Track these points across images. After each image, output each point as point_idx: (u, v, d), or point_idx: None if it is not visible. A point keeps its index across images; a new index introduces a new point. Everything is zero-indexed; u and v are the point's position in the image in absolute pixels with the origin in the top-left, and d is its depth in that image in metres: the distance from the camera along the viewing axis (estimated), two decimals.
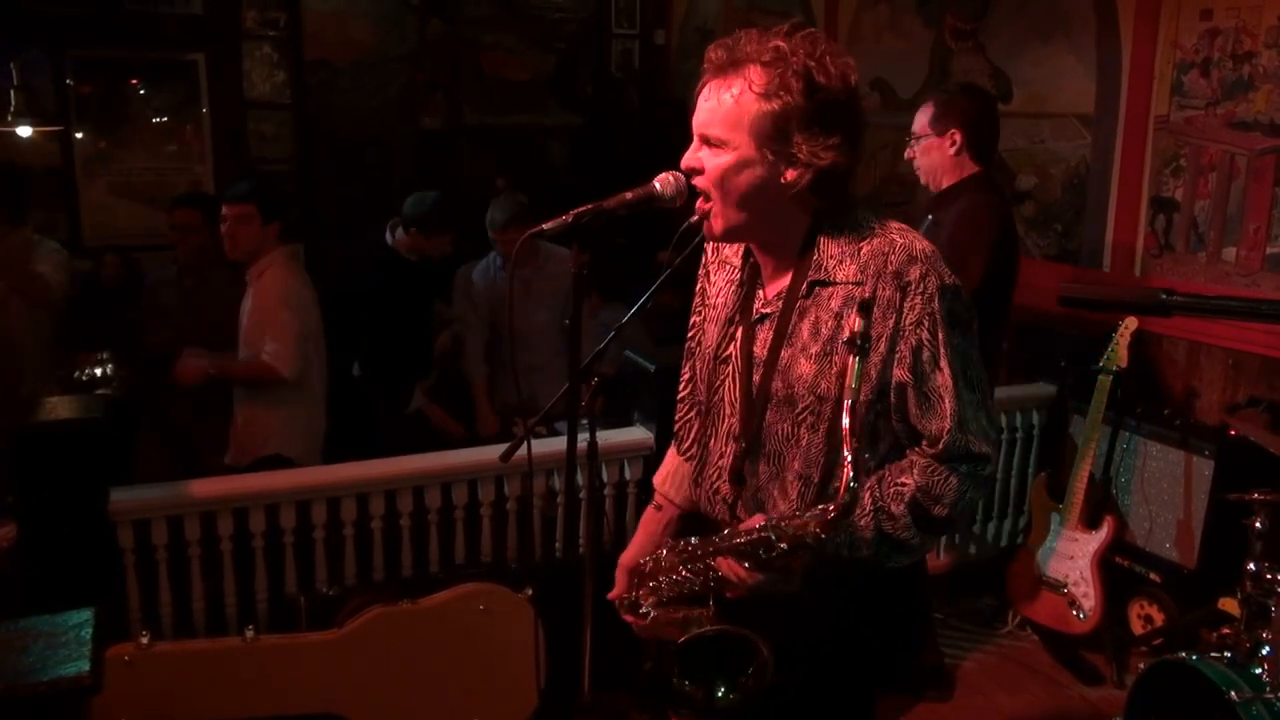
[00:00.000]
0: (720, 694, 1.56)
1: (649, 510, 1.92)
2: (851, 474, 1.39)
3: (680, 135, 1.65)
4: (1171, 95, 3.54)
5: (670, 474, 1.90)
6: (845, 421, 1.41)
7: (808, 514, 1.45)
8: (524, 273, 4.15)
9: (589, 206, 1.57)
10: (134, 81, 5.26)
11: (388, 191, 4.28)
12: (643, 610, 1.67)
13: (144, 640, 2.41)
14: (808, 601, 1.56)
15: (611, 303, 4.55)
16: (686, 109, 1.60)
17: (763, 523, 1.50)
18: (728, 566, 1.54)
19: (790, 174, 1.52)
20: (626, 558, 1.82)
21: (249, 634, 2.51)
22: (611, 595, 1.79)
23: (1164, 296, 1.36)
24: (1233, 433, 3.15)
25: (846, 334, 1.48)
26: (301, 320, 3.45)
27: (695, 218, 1.62)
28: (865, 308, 1.47)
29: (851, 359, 1.43)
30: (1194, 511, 3.30)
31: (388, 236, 4.21)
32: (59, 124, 5.07)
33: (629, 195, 1.61)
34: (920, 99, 4.44)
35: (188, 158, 5.36)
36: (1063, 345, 3.75)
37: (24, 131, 4.90)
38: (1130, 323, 3.31)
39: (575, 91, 6.59)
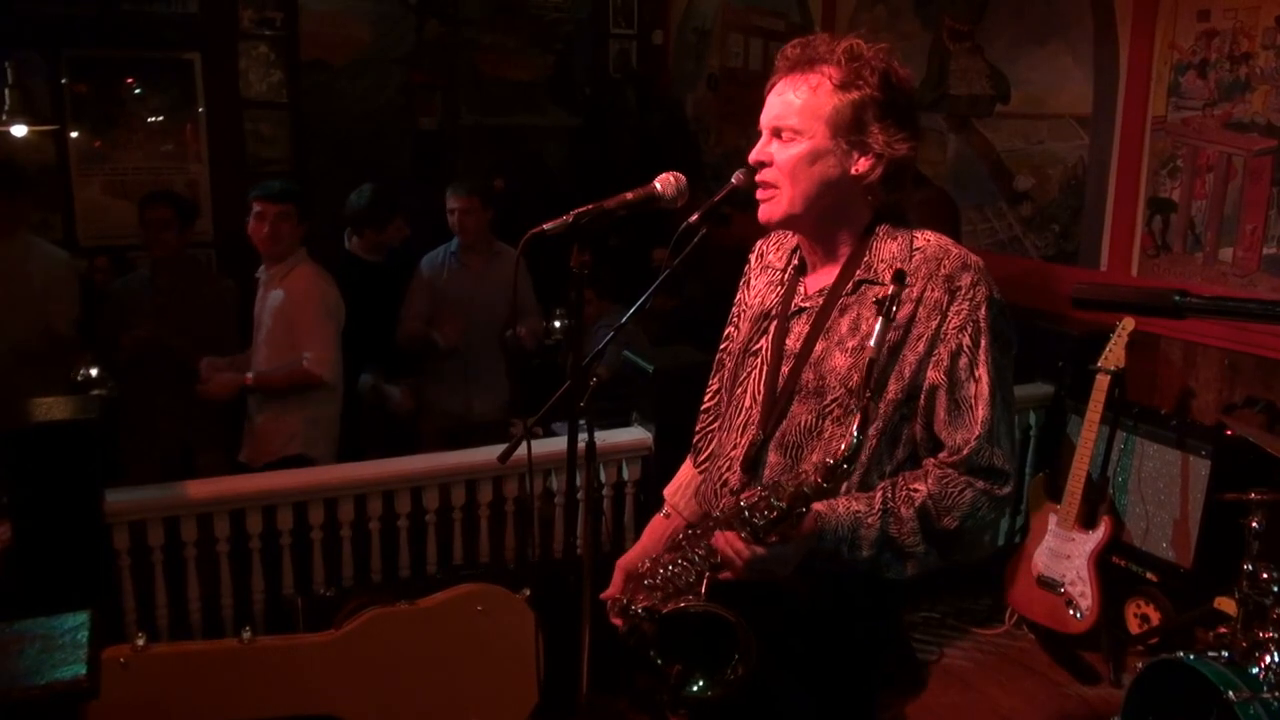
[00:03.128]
0: (697, 686, 1.53)
1: (657, 517, 1.91)
2: (858, 427, 1.42)
3: (677, 136, 1.65)
4: (1169, 96, 3.54)
5: (682, 486, 1.90)
6: (857, 377, 1.45)
7: (806, 468, 1.46)
8: (476, 260, 4.10)
9: (590, 207, 1.57)
10: (130, 81, 5.23)
11: None
12: (633, 610, 1.65)
13: (140, 642, 2.40)
14: (798, 595, 1.56)
15: (605, 301, 4.53)
16: (682, 109, 1.60)
17: (762, 489, 1.50)
18: (724, 541, 1.52)
19: (863, 164, 1.56)
20: (625, 559, 1.82)
21: (246, 635, 2.49)
22: (604, 595, 1.78)
23: (1177, 299, 1.35)
24: (1229, 432, 3.15)
25: (877, 296, 1.49)
26: (337, 325, 3.52)
27: (695, 219, 1.62)
28: (899, 277, 1.49)
29: (876, 320, 1.46)
30: (1191, 511, 3.30)
31: (346, 243, 4.16)
32: (54, 124, 5.04)
33: (630, 196, 1.61)
34: (920, 100, 4.46)
35: (184, 157, 5.33)
36: (1060, 345, 3.75)
37: (19, 131, 4.87)
38: (1128, 323, 3.31)
39: (573, 92, 6.57)
